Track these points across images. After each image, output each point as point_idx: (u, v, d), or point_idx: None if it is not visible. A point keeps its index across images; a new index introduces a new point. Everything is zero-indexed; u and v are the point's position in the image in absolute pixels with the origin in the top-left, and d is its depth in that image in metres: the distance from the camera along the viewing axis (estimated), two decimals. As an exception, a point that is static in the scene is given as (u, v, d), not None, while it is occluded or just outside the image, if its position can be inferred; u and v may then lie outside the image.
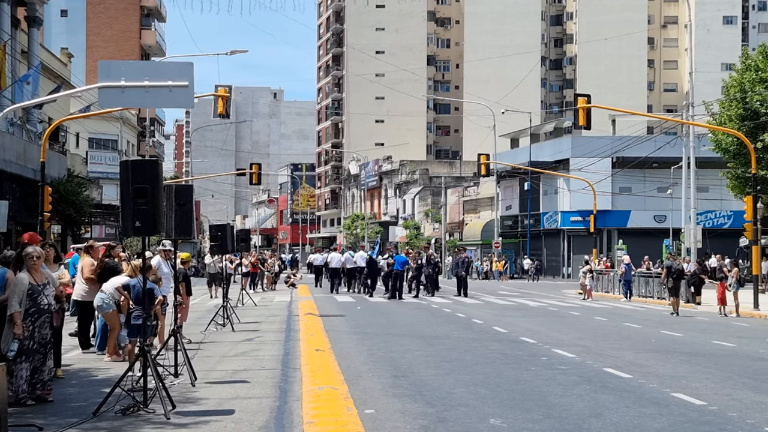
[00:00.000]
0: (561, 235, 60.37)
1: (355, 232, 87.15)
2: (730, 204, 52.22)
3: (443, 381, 11.73)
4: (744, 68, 38.96)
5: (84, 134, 52.05)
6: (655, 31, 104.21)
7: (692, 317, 25.67)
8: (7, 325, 9.55)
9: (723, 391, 11.14)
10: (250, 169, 41.96)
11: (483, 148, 57.53)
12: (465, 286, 34.59)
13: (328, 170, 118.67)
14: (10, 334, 9.54)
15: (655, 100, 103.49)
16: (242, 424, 8.66)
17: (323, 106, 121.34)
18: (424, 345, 16.32)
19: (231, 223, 26.20)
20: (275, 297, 33.22)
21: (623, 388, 11.19)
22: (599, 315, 25.38)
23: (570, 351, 15.24)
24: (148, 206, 9.50)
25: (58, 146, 40.76)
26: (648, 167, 53.35)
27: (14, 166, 31.73)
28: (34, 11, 37.49)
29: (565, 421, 9.09)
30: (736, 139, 36.54)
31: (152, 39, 68.48)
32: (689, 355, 15.27)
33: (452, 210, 76.18)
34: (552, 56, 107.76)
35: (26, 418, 8.85)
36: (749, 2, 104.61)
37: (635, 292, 34.53)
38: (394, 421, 8.98)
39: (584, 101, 28.81)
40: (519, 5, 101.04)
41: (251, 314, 23.25)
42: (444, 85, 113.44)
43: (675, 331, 20.16)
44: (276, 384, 11.21)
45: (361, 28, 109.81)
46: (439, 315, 24.63)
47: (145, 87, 11.10)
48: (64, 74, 43.95)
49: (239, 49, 40.06)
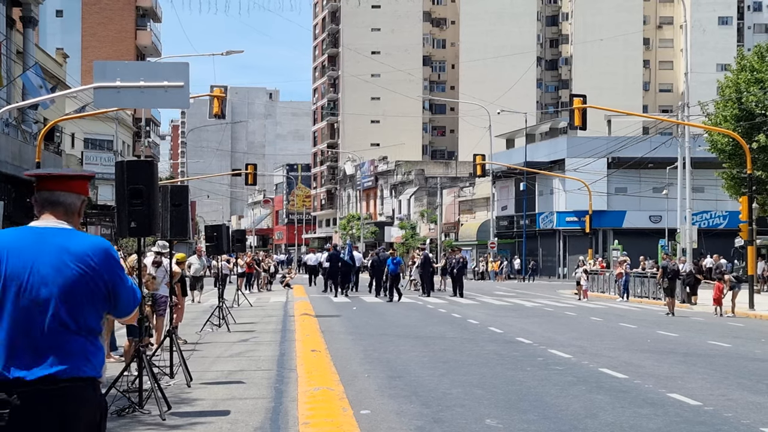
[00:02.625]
0: (556, 236, 60.43)
1: (350, 232, 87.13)
2: (725, 204, 52.34)
3: (439, 381, 11.73)
4: (739, 69, 39.03)
5: (79, 135, 51.97)
6: (651, 32, 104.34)
7: (688, 317, 25.69)
8: None
9: (719, 391, 11.15)
10: (246, 170, 41.92)
11: (478, 149, 57.57)
12: (461, 286, 34.66)
13: (323, 170, 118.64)
14: None
15: (651, 101, 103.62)
16: (238, 425, 8.65)
17: (319, 107, 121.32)
18: (419, 345, 16.31)
19: (227, 224, 26.16)
20: (271, 297, 33.22)
21: (619, 389, 11.20)
22: (595, 315, 25.40)
23: (566, 351, 15.24)
24: (144, 207, 9.48)
25: (53, 147, 40.70)
26: (643, 167, 53.43)
27: (9, 167, 31.66)
28: (29, 11, 37.42)
29: (560, 421, 9.09)
30: (731, 139, 36.60)
31: (148, 39, 68.40)
32: (685, 355, 15.28)
33: (448, 210, 76.20)
34: (547, 57, 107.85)
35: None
36: (744, 3, 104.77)
37: (630, 292, 34.59)
38: (389, 422, 8.97)
39: (580, 102, 28.85)
40: (514, 6, 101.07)
41: (247, 315, 23.24)
42: (439, 86, 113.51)
43: (670, 331, 20.18)
44: (272, 385, 11.20)
45: (357, 28, 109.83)
46: (434, 315, 24.64)
47: (141, 87, 11.10)
48: (59, 75, 43.88)
49: (235, 50, 40.08)
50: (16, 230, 3.76)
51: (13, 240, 3.68)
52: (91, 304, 3.66)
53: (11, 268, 3.60)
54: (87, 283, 3.64)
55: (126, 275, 3.87)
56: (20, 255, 3.62)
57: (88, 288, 3.64)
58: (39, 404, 3.48)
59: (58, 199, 3.79)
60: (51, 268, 3.60)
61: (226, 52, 39.74)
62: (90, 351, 3.65)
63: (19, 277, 3.59)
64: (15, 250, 3.64)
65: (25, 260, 3.61)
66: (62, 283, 3.60)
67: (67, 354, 3.57)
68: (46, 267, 3.60)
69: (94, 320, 3.70)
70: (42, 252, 3.63)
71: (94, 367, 3.65)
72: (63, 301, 3.59)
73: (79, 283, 3.62)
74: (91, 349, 3.66)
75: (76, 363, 3.58)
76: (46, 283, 3.59)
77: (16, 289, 3.59)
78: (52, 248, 3.64)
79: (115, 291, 3.74)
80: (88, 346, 3.65)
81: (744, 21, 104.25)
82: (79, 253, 3.65)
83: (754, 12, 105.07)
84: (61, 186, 3.82)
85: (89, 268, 3.64)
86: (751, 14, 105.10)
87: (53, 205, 3.78)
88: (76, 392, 3.55)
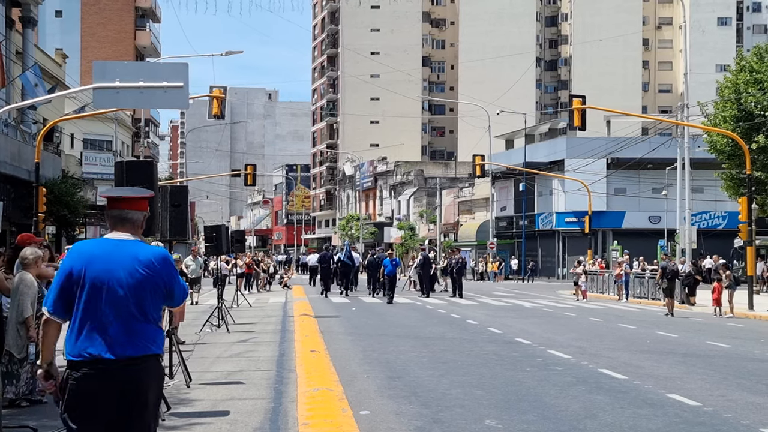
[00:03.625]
0: (556, 236, 60.41)
1: (350, 233, 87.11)
2: (724, 205, 52.32)
3: (438, 382, 11.73)
4: (738, 69, 38.99)
5: (78, 135, 51.95)
6: (650, 33, 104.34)
7: (687, 318, 25.69)
8: (16, 330, 9.49)
9: (718, 391, 11.15)
10: (245, 170, 41.90)
11: (478, 149, 57.58)
12: (460, 287, 34.68)
13: (323, 171, 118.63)
14: (19, 339, 9.50)
15: (650, 101, 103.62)
16: (237, 426, 8.64)
17: (318, 107, 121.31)
18: (419, 346, 16.30)
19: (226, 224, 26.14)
20: (270, 298, 33.20)
21: (618, 389, 11.20)
22: (594, 316, 25.40)
23: (565, 352, 15.24)
24: (143, 207, 9.45)
25: (52, 147, 40.68)
26: (643, 168, 53.43)
27: (8, 167, 31.66)
28: (28, 12, 37.42)
29: (560, 422, 9.08)
30: (730, 140, 36.59)
31: (147, 40, 68.38)
32: (684, 355, 15.28)
33: (447, 211, 76.19)
34: (547, 57, 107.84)
35: (20, 420, 8.82)
36: (744, 3, 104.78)
37: (630, 293, 34.61)
38: (389, 423, 8.97)
39: (579, 102, 28.85)
40: (514, 6, 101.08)
41: (246, 315, 23.23)
42: (439, 86, 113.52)
43: (670, 331, 20.18)
44: (271, 385, 11.19)
45: (356, 29, 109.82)
46: (433, 316, 24.63)
47: (140, 88, 11.09)
48: (58, 75, 43.87)
49: (234, 50, 40.08)
50: (97, 241, 4.82)
51: (96, 249, 4.73)
52: (153, 300, 4.70)
53: (95, 272, 4.63)
54: (151, 284, 4.67)
55: (179, 276, 4.91)
56: (102, 262, 4.65)
57: (151, 287, 4.67)
58: (120, 376, 4.53)
59: (127, 216, 4.82)
60: (125, 272, 4.62)
61: (226, 53, 39.73)
62: (154, 335, 4.69)
63: (101, 279, 4.62)
64: (97, 257, 4.68)
65: (106, 266, 4.64)
66: (133, 284, 4.62)
67: (138, 338, 4.61)
68: (121, 272, 4.62)
69: (156, 312, 4.73)
70: (118, 260, 4.65)
71: (158, 346, 4.71)
72: (134, 298, 4.62)
73: (146, 284, 4.65)
74: (154, 334, 4.69)
75: (145, 344, 4.63)
76: (122, 284, 4.61)
77: (99, 288, 4.61)
78: (125, 257, 4.66)
79: (171, 289, 4.78)
80: (151, 331, 4.68)
81: (743, 21, 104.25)
82: (146, 261, 4.68)
83: (753, 13, 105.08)
84: (129, 205, 4.83)
85: (153, 272, 4.67)
86: (750, 15, 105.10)
87: (123, 222, 4.81)
88: (146, 366, 4.62)
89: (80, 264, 4.68)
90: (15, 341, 9.48)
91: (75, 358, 4.59)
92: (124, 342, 4.57)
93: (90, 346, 4.56)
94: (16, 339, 9.47)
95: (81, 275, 4.65)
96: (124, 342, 4.57)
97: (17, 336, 9.47)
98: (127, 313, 4.59)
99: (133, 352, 4.57)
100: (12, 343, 9.46)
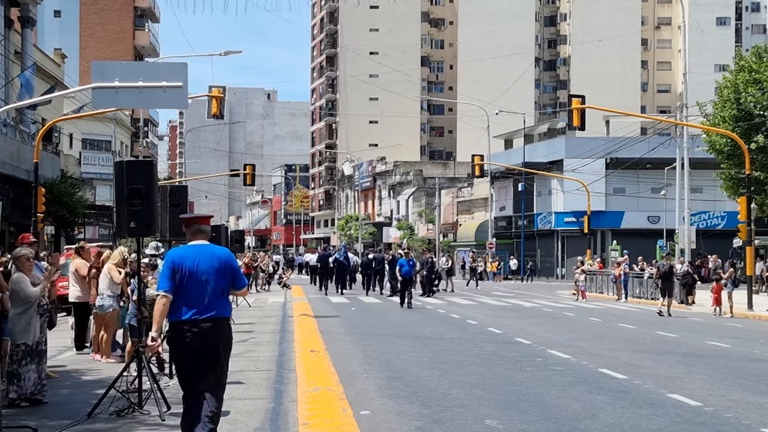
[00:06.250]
0: (555, 236, 60.36)
1: (349, 233, 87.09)
2: (723, 205, 52.25)
3: (438, 382, 11.72)
4: (737, 69, 38.96)
5: (77, 135, 51.89)
6: (649, 32, 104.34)
7: (686, 318, 25.69)
8: (18, 315, 9.51)
9: (718, 391, 11.15)
10: (244, 170, 41.84)
11: (477, 149, 57.53)
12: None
13: (321, 171, 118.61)
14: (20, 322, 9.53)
15: (649, 101, 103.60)
16: (237, 426, 8.64)
17: (317, 107, 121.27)
18: (419, 346, 16.29)
19: (225, 224, 26.12)
20: (269, 298, 33.17)
21: (618, 389, 11.19)
22: (593, 316, 25.40)
23: (565, 352, 15.23)
24: (143, 207, 9.47)
25: (51, 147, 40.63)
26: (642, 168, 53.38)
27: (7, 167, 31.62)
28: (27, 11, 37.39)
29: (560, 422, 9.08)
30: (729, 140, 36.56)
31: (146, 40, 68.33)
32: (684, 355, 15.28)
33: (446, 211, 76.18)
34: (546, 57, 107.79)
35: (20, 420, 8.82)
36: (743, 3, 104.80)
37: (629, 293, 34.60)
38: (389, 423, 8.97)
39: (578, 102, 28.83)
40: (513, 6, 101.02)
41: (246, 315, 23.21)
42: (438, 86, 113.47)
43: (670, 331, 20.18)
44: (271, 385, 11.19)
45: (355, 28, 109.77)
46: (433, 316, 24.62)
47: (139, 88, 11.07)
48: (57, 75, 43.82)
49: (233, 50, 40.05)
50: (188, 247, 7.22)
51: (188, 252, 7.16)
52: (225, 282, 7.16)
53: (190, 266, 7.04)
54: (223, 271, 7.14)
55: (239, 267, 7.59)
56: (192, 258, 7.09)
57: (224, 273, 7.14)
58: (210, 328, 6.98)
59: (202, 228, 7.39)
60: (207, 265, 7.08)
61: (225, 53, 39.68)
62: (227, 305, 7.21)
63: (192, 270, 7.03)
64: (189, 257, 7.10)
65: (195, 261, 7.07)
66: (213, 272, 7.08)
67: (218, 306, 7.07)
68: (205, 265, 7.08)
69: (227, 290, 7.20)
70: (202, 257, 7.12)
71: (229, 312, 7.25)
72: (214, 281, 7.06)
73: (221, 271, 7.12)
74: (226, 304, 7.21)
75: (223, 310, 7.12)
76: (206, 272, 7.06)
77: (193, 275, 7.01)
78: (206, 255, 7.15)
79: (235, 275, 7.30)
80: (226, 303, 7.20)
81: (742, 22, 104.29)
82: (220, 256, 7.20)
83: (752, 13, 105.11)
84: (203, 221, 7.45)
85: (224, 264, 7.17)
86: (749, 15, 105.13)
87: (201, 233, 7.34)
88: (223, 323, 7.13)
89: (179, 260, 7.06)
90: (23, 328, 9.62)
91: (178, 318, 6.96)
92: (209, 308, 6.98)
93: (189, 311, 6.94)
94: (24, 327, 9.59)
95: (180, 267, 7.01)
96: (209, 308, 6.98)
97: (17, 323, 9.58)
98: (210, 290, 7.00)
99: (216, 314, 7.01)
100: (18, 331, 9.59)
